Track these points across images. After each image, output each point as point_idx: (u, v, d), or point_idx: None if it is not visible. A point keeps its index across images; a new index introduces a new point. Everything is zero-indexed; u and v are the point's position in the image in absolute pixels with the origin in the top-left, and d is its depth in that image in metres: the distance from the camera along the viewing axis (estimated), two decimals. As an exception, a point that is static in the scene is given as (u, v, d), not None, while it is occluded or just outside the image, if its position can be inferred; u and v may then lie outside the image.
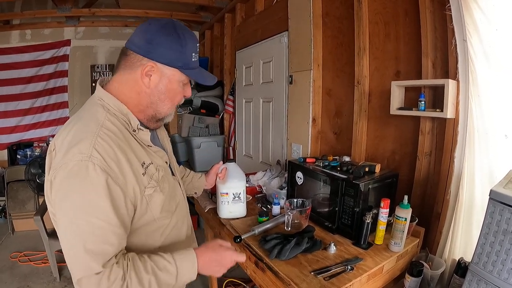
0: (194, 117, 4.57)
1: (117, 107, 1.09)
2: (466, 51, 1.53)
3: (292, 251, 1.51)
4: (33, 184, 4.26)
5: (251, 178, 2.68)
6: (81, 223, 0.93)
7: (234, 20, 4.32)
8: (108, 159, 0.97)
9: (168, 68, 1.10)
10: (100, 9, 4.86)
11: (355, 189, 1.63)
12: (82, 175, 0.93)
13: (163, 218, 1.20)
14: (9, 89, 5.17)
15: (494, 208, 1.17)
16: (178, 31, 1.09)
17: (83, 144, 0.95)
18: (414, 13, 1.84)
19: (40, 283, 3.24)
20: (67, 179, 0.94)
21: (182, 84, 1.17)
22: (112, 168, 0.97)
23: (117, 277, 0.94)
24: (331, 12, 2.53)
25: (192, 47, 1.13)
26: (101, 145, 0.97)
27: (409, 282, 1.52)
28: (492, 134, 1.52)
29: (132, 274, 0.97)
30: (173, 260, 1.06)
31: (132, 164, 1.05)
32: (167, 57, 1.08)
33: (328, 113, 2.64)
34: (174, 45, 1.08)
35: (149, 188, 1.10)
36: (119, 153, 1.01)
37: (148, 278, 0.99)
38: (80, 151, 0.94)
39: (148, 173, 1.11)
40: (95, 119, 1.04)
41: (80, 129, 1.01)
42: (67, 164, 0.93)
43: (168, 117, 1.24)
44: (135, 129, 1.11)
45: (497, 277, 1.16)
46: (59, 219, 0.98)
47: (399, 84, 1.88)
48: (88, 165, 0.93)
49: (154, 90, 1.12)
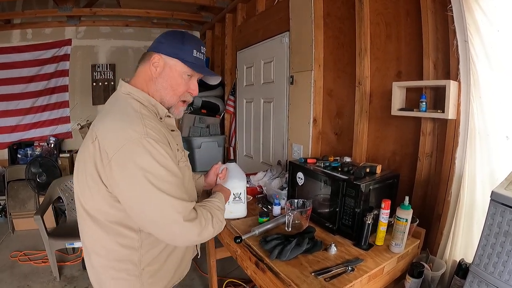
0: (195, 117, 4.56)
1: (146, 99, 1.27)
2: (467, 52, 1.53)
3: (293, 251, 1.51)
4: (34, 184, 4.26)
5: (252, 179, 2.68)
6: (161, 184, 1.09)
7: (235, 20, 4.32)
8: (160, 135, 1.16)
9: (170, 59, 1.28)
10: (101, 9, 4.86)
11: (356, 190, 1.63)
12: (147, 149, 1.08)
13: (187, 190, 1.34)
14: (10, 89, 5.17)
15: (496, 210, 1.17)
16: (182, 33, 1.33)
17: (135, 125, 1.11)
18: (416, 14, 1.84)
19: (40, 283, 3.23)
20: (133, 155, 1.08)
21: (186, 77, 1.32)
22: (164, 142, 1.16)
23: (207, 218, 1.20)
24: (333, 13, 2.53)
25: (193, 46, 1.31)
26: (150, 125, 1.15)
27: (410, 283, 1.52)
28: (493, 136, 1.52)
29: (203, 212, 1.21)
30: (216, 200, 1.37)
31: (170, 141, 1.24)
32: (170, 50, 1.28)
33: (329, 114, 2.64)
34: (176, 42, 1.29)
35: (181, 161, 1.33)
36: (160, 131, 1.19)
37: (211, 211, 1.25)
38: (135, 130, 1.10)
39: (179, 150, 1.34)
40: (131, 108, 1.21)
41: (122, 116, 1.17)
42: (129, 143, 1.08)
43: (175, 110, 1.38)
44: (163, 117, 1.31)
45: (498, 279, 1.16)
46: (133, 193, 1.10)
47: (400, 85, 1.88)
48: (148, 140, 1.09)
49: (159, 77, 1.29)
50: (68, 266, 3.50)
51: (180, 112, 1.40)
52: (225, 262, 2.97)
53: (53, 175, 4.29)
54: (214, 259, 2.63)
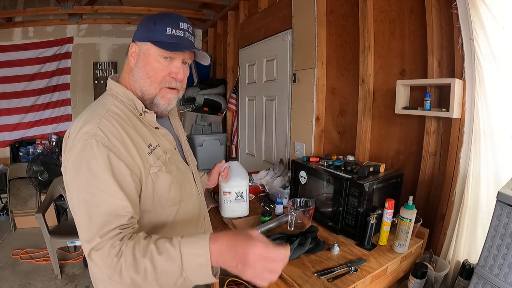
0: (197, 115, 4.55)
1: (124, 93, 1.17)
2: (472, 50, 1.52)
3: (295, 251, 1.50)
4: (35, 182, 4.26)
5: (254, 177, 2.67)
6: (87, 197, 0.97)
7: (237, 18, 4.31)
8: (111, 136, 1.02)
9: (143, 44, 1.16)
10: (102, 7, 4.85)
11: (359, 189, 1.62)
12: (87, 152, 0.98)
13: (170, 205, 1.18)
14: (11, 87, 5.17)
15: (502, 211, 1.16)
16: (158, 14, 1.18)
17: (89, 126, 1.02)
18: (420, 11, 1.82)
19: (41, 281, 3.23)
20: (75, 158, 0.99)
21: (163, 60, 1.16)
22: (115, 145, 1.01)
23: (115, 252, 0.90)
24: (336, 10, 2.51)
25: (167, 23, 1.15)
26: (105, 124, 1.03)
27: (413, 283, 1.51)
28: (498, 135, 1.51)
29: (129, 253, 0.88)
30: (178, 243, 0.88)
31: (137, 143, 1.09)
32: (142, 34, 1.17)
33: (332, 112, 2.63)
34: (149, 23, 1.16)
35: (154, 167, 1.12)
36: (123, 133, 1.05)
37: (144, 264, 0.87)
38: (86, 131, 1.00)
39: (155, 154, 1.14)
40: (102, 105, 1.12)
41: (89, 115, 1.09)
42: (76, 145, 1.00)
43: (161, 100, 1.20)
44: (141, 112, 1.16)
45: (503, 281, 1.15)
46: (72, 198, 1.02)
47: (404, 83, 1.86)
48: (92, 142, 0.98)
49: (135, 67, 1.17)
50: (70, 264, 3.51)
51: (170, 101, 1.22)
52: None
53: (54, 173, 4.28)
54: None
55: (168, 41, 1.14)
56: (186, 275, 0.87)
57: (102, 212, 0.96)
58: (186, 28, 1.18)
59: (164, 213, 1.17)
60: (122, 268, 0.87)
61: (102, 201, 0.96)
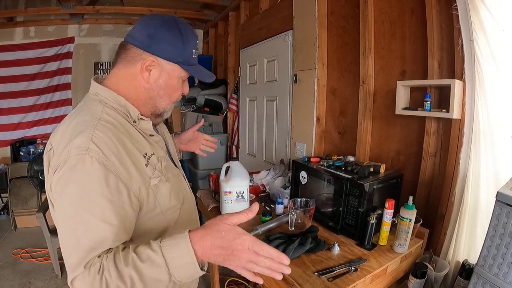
0: (198, 115, 4.56)
1: (114, 99, 1.06)
2: (472, 51, 1.52)
3: (296, 251, 1.51)
4: (36, 181, 4.26)
5: (255, 177, 2.68)
6: (76, 220, 0.87)
7: (239, 19, 4.32)
8: (107, 151, 0.91)
9: (168, 63, 1.08)
10: (104, 7, 4.87)
11: (359, 189, 1.63)
12: (79, 170, 0.87)
13: (171, 212, 1.13)
14: (13, 86, 5.19)
15: (501, 210, 1.16)
16: (179, 27, 1.07)
17: (80, 139, 0.90)
18: (420, 13, 1.83)
19: (42, 280, 3.24)
20: (65, 175, 0.88)
21: (182, 81, 1.15)
22: (112, 161, 0.91)
23: (96, 270, 0.84)
24: (336, 11, 2.52)
25: (193, 44, 1.12)
26: (99, 137, 0.92)
27: (413, 283, 1.51)
28: (498, 136, 1.51)
29: (111, 266, 0.83)
30: (159, 248, 0.85)
31: (134, 155, 1.00)
32: (169, 52, 1.06)
33: (333, 113, 2.63)
34: (175, 40, 1.06)
35: (154, 178, 1.05)
36: (119, 145, 0.95)
37: (128, 272, 0.83)
38: (78, 145, 0.89)
39: (151, 163, 1.06)
40: (91, 113, 1.00)
41: (77, 124, 0.96)
42: (65, 161, 0.88)
43: (167, 113, 1.20)
44: (136, 120, 1.08)
45: (502, 280, 1.15)
46: (57, 216, 0.93)
47: (404, 84, 1.87)
48: (85, 158, 0.88)
49: (154, 85, 1.09)
50: (70, 263, 3.50)
51: (170, 112, 1.21)
52: (227, 261, 2.95)
53: (55, 172, 4.29)
54: (216, 258, 2.62)
55: (193, 64, 1.13)
56: (174, 278, 0.85)
57: (90, 238, 0.87)
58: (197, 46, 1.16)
59: (165, 220, 1.12)
60: (108, 282, 0.83)
61: (92, 227, 0.87)
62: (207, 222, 0.91)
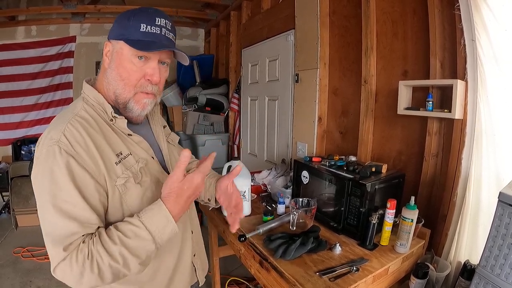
0: (199, 114, 4.56)
1: (94, 97, 1.09)
2: (474, 51, 1.52)
3: (297, 251, 1.50)
4: (37, 180, 4.26)
5: (256, 177, 2.68)
6: (48, 206, 0.93)
7: (240, 18, 4.32)
8: (75, 143, 0.96)
9: (116, 42, 1.06)
10: (105, 6, 4.87)
11: (361, 189, 1.62)
12: (50, 159, 0.93)
13: None
14: (14, 85, 5.18)
15: (503, 211, 1.16)
16: (134, 9, 1.07)
17: (54, 131, 0.97)
18: (423, 13, 1.83)
19: (42, 279, 3.24)
20: (39, 165, 0.96)
21: (137, 61, 1.05)
22: (79, 153, 0.95)
23: (84, 256, 0.89)
24: (338, 11, 2.52)
25: (141, 19, 1.04)
26: (70, 130, 0.97)
27: (414, 284, 1.51)
28: (499, 136, 1.51)
29: (100, 248, 0.91)
30: (141, 223, 0.95)
31: (104, 152, 1.01)
32: (116, 31, 1.07)
33: (334, 112, 2.63)
34: (122, 20, 1.06)
35: (121, 178, 1.04)
36: (88, 139, 0.99)
37: (118, 250, 0.91)
38: (51, 137, 0.96)
39: (124, 163, 1.05)
40: (72, 110, 1.06)
41: (57, 120, 1.04)
42: (41, 152, 0.96)
43: (135, 105, 1.10)
44: (112, 118, 1.07)
45: (504, 281, 1.15)
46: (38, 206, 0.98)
47: (406, 84, 1.86)
48: (55, 149, 0.93)
49: (109, 68, 1.08)
50: (71, 262, 3.50)
51: (144, 106, 1.12)
52: (227, 260, 2.97)
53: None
54: (217, 257, 2.63)
55: (142, 39, 1.03)
56: (159, 245, 0.98)
57: (65, 223, 0.92)
58: (164, 24, 1.07)
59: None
60: (100, 266, 0.91)
61: (65, 211, 0.92)
62: (168, 188, 0.99)
